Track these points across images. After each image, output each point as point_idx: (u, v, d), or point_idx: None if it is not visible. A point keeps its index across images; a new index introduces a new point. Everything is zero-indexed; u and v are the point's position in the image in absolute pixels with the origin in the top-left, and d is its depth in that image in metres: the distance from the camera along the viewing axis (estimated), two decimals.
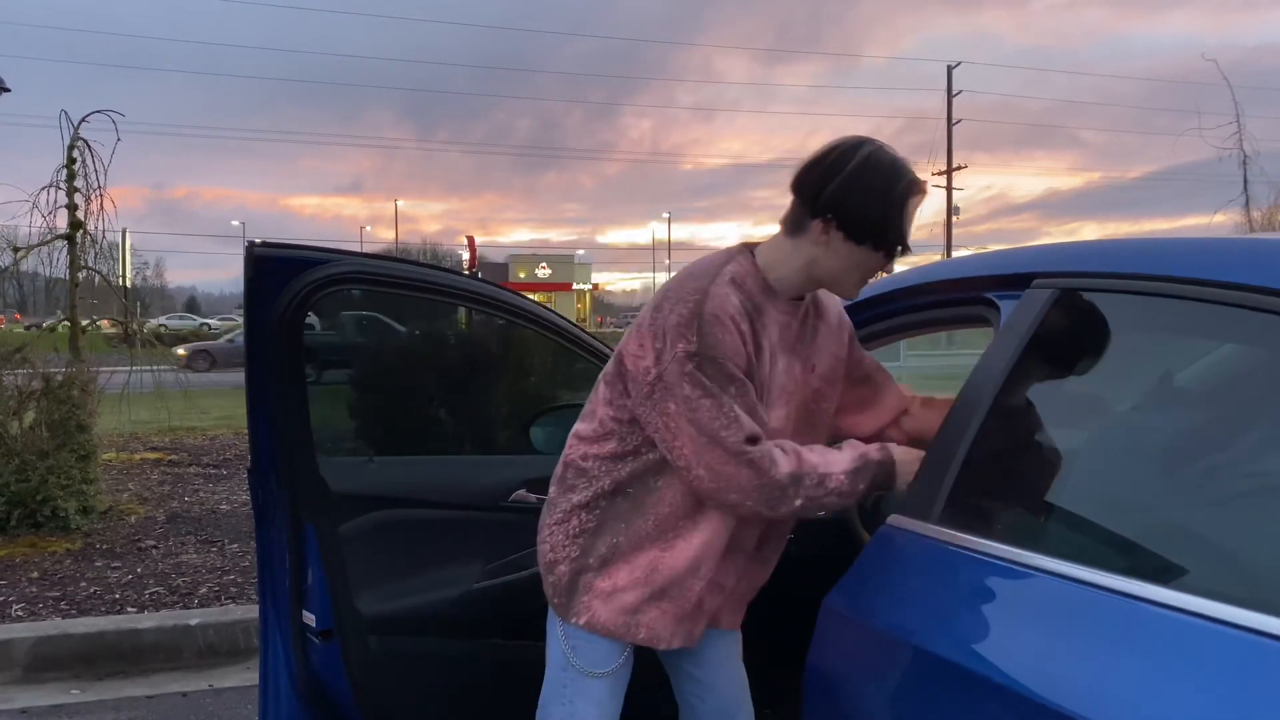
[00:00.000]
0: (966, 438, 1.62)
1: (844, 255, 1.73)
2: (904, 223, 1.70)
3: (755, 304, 1.75)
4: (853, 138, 1.73)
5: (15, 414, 5.91)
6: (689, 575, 1.78)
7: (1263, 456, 1.39)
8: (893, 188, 1.69)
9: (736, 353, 1.69)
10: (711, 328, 1.67)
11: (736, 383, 1.69)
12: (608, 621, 1.78)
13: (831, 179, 1.69)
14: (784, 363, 1.81)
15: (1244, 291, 1.33)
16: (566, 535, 1.84)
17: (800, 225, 1.75)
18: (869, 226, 1.69)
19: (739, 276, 1.75)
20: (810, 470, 1.70)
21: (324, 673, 2.30)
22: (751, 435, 1.67)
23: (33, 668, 4.09)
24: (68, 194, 6.62)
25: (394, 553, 2.42)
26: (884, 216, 1.69)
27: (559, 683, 1.85)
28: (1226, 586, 1.23)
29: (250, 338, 2.22)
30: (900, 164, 1.71)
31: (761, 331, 1.75)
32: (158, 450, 9.06)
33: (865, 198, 1.68)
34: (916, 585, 1.62)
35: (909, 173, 1.71)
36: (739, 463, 1.66)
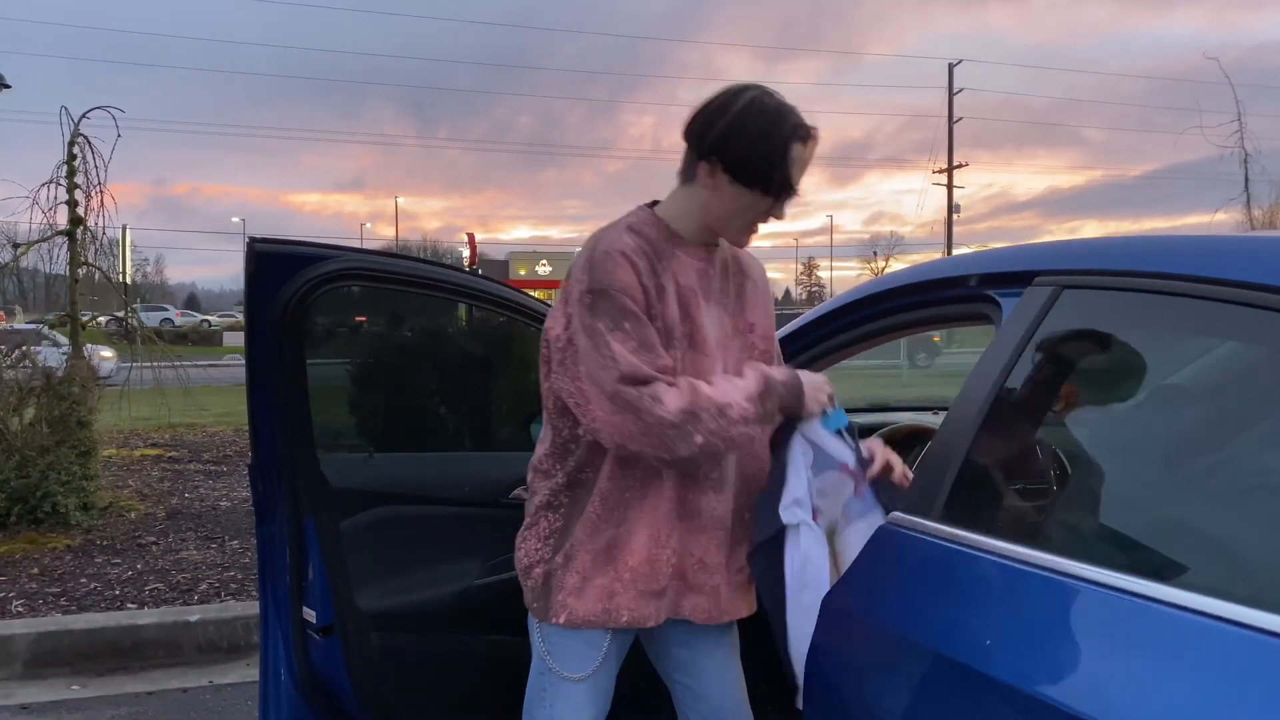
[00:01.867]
0: (968, 435, 1.62)
1: (731, 198, 1.74)
2: (788, 166, 1.71)
3: (656, 248, 1.76)
4: (740, 83, 1.76)
5: (15, 410, 5.91)
6: (652, 546, 1.76)
7: (1265, 454, 1.39)
8: (775, 131, 1.70)
9: (631, 285, 1.69)
10: (603, 263, 1.70)
11: (630, 317, 1.67)
12: (587, 614, 1.76)
13: (716, 122, 1.71)
14: (714, 314, 1.82)
15: (1247, 289, 1.33)
16: (538, 538, 1.83)
17: (691, 171, 1.78)
18: (752, 169, 1.70)
19: (636, 224, 1.79)
20: (707, 404, 1.65)
21: (324, 669, 2.30)
22: (630, 374, 1.63)
23: (33, 664, 4.09)
24: (68, 190, 6.62)
25: (394, 549, 2.42)
26: (767, 159, 1.70)
27: (539, 686, 1.85)
28: (1230, 584, 1.23)
29: (251, 334, 2.22)
30: (785, 109, 1.72)
31: (664, 272, 1.74)
32: (158, 446, 9.06)
33: (748, 141, 1.69)
34: (917, 583, 1.62)
35: (794, 117, 1.72)
36: (619, 406, 1.63)
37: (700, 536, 1.80)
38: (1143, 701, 1.18)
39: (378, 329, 3.05)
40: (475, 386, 3.15)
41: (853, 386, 4.79)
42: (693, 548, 1.80)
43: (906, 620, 1.57)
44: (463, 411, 3.16)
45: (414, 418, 3.02)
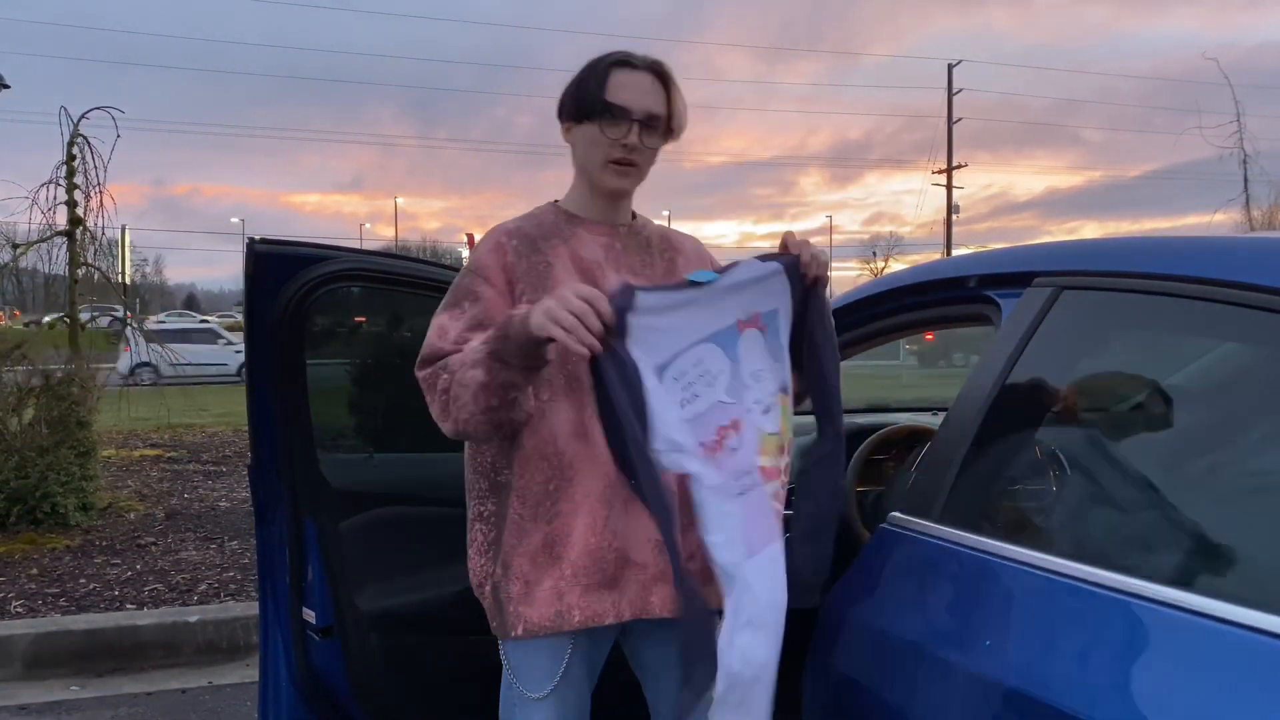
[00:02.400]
0: (967, 436, 1.61)
1: (582, 140, 1.78)
2: (605, 89, 1.74)
3: (548, 230, 1.79)
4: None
5: (15, 410, 5.91)
6: (589, 535, 1.68)
7: (1265, 455, 1.39)
8: (595, 67, 1.77)
9: (488, 267, 1.74)
10: (478, 247, 1.79)
11: (471, 297, 1.72)
12: (541, 620, 1.68)
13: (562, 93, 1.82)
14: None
15: (1246, 290, 1.33)
16: (478, 554, 1.81)
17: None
18: (580, 103, 1.77)
19: (533, 214, 1.85)
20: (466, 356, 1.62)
21: (324, 670, 2.30)
22: (424, 356, 1.70)
23: (32, 664, 4.09)
24: (67, 190, 6.61)
25: (394, 550, 2.41)
26: (586, 89, 1.76)
27: (508, 705, 1.81)
28: (1230, 585, 1.23)
29: (251, 334, 2.22)
30: (613, 51, 1.79)
31: (552, 248, 1.77)
32: (157, 447, 9.06)
33: (574, 84, 1.79)
34: (917, 584, 1.62)
35: (613, 54, 1.79)
36: (423, 390, 1.70)
37: (639, 517, 1.65)
38: (1143, 702, 1.18)
39: (377, 329, 3.05)
40: None
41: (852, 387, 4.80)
42: (640, 529, 1.68)
43: (905, 621, 1.57)
44: None
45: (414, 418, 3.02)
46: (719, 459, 1.56)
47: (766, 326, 1.65)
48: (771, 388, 1.64)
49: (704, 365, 1.57)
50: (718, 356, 1.59)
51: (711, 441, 1.56)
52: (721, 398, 1.58)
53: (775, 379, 1.65)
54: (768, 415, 1.62)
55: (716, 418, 1.58)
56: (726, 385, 1.59)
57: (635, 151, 1.75)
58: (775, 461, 1.62)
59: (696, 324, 1.58)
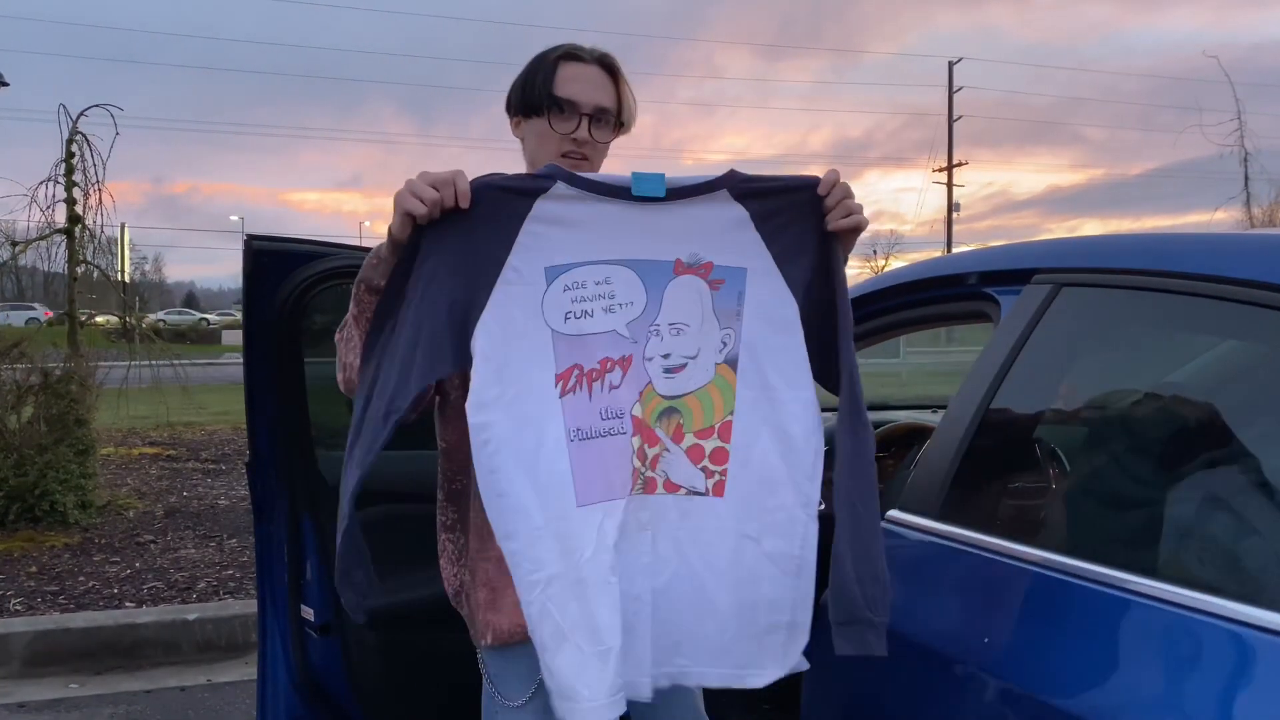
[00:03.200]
0: (967, 433, 1.61)
1: (531, 135, 1.76)
2: (553, 83, 1.72)
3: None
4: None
5: (13, 408, 5.91)
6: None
7: (1263, 452, 1.39)
8: (542, 60, 1.75)
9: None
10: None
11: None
12: (510, 627, 1.67)
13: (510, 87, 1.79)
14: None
15: (1246, 287, 1.33)
16: (449, 562, 1.79)
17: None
18: (526, 97, 1.74)
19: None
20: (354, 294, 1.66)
21: (322, 667, 2.30)
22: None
23: (31, 662, 4.09)
24: (66, 188, 6.61)
25: (393, 547, 2.41)
26: (533, 83, 1.73)
27: (490, 712, 1.80)
28: (1228, 582, 1.23)
29: (249, 332, 2.21)
30: (553, 46, 1.77)
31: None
32: (156, 445, 9.06)
33: (523, 79, 1.76)
34: (915, 580, 1.62)
35: (567, 46, 1.76)
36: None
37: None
38: (1141, 698, 1.17)
39: None
40: None
41: None
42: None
43: (905, 619, 1.57)
44: None
45: None
46: (592, 391, 1.33)
47: (723, 283, 1.35)
48: (692, 350, 1.36)
49: (610, 287, 1.32)
50: (633, 286, 1.33)
51: (591, 370, 1.33)
52: (618, 329, 1.33)
53: (710, 347, 1.36)
54: (671, 379, 1.36)
55: (606, 346, 1.33)
56: (629, 321, 1.34)
57: (585, 145, 1.73)
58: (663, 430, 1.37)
59: (618, 243, 1.32)
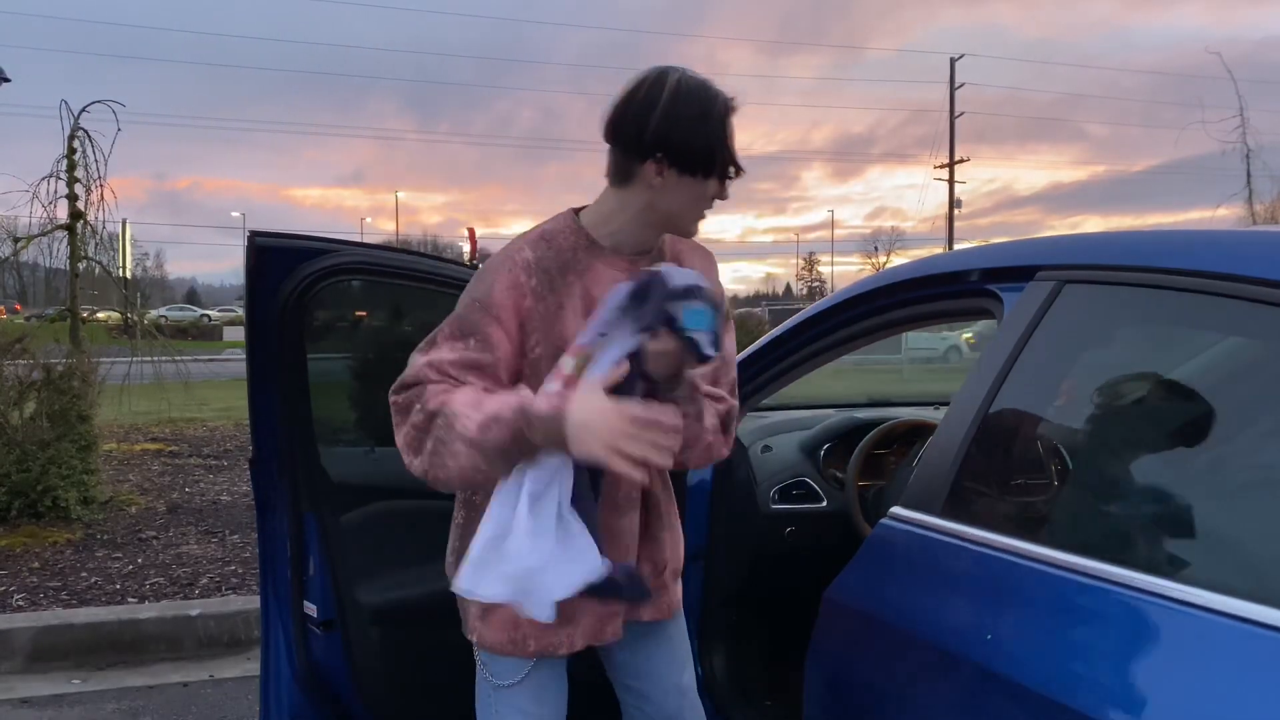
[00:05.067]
0: (970, 430, 1.61)
1: (680, 191, 1.64)
2: (729, 144, 1.63)
3: (564, 261, 1.66)
4: (655, 69, 1.65)
5: (16, 404, 5.91)
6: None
7: (1268, 449, 1.39)
8: (711, 110, 1.61)
9: (499, 304, 1.61)
10: (488, 273, 1.64)
11: (477, 335, 1.60)
12: (495, 642, 1.72)
13: (650, 116, 1.59)
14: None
15: (1249, 284, 1.33)
16: (451, 553, 1.79)
17: (629, 172, 1.64)
18: (699, 156, 1.61)
19: (550, 233, 1.69)
20: (449, 410, 1.52)
21: (325, 663, 2.30)
22: (405, 382, 1.59)
23: (34, 658, 4.10)
24: (68, 184, 6.63)
25: (395, 543, 2.41)
26: (709, 142, 1.61)
27: (484, 694, 1.81)
28: (1234, 580, 1.23)
29: (252, 328, 2.21)
30: (710, 85, 1.64)
31: (566, 288, 1.65)
32: (158, 441, 9.06)
33: (690, 127, 1.59)
34: (918, 577, 1.62)
35: (720, 92, 1.64)
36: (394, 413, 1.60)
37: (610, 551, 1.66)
38: (1143, 696, 1.18)
39: (379, 324, 3.04)
40: None
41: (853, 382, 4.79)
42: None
43: (908, 615, 1.57)
44: None
45: None
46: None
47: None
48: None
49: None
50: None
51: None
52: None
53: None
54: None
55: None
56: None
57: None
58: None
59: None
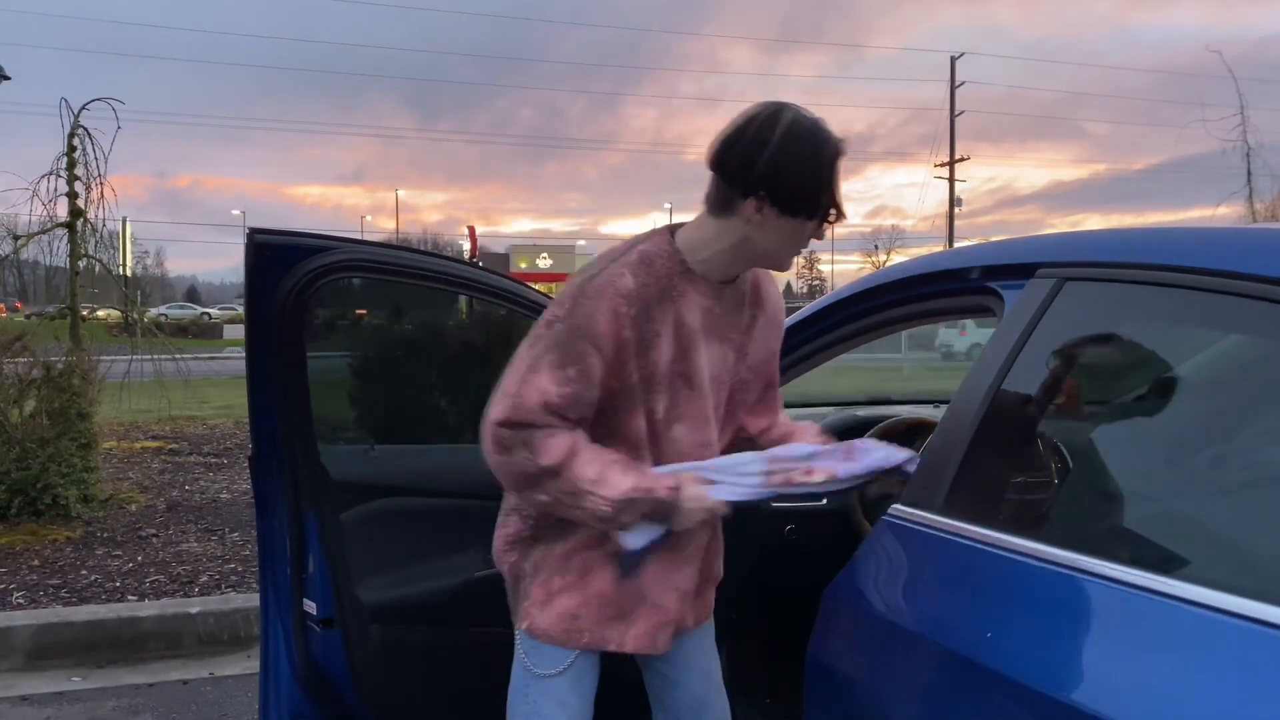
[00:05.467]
0: (970, 427, 1.61)
1: (778, 230, 1.65)
2: (836, 188, 1.63)
3: (661, 287, 1.67)
4: (769, 105, 1.64)
5: (16, 402, 5.91)
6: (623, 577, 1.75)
7: (1268, 447, 1.38)
8: (822, 155, 1.61)
9: (602, 336, 1.62)
10: (590, 301, 1.63)
11: (579, 365, 1.62)
12: (548, 628, 1.76)
13: (759, 154, 1.59)
14: (715, 350, 1.75)
15: (1250, 281, 1.33)
16: (504, 541, 1.83)
17: (729, 205, 1.65)
18: (804, 198, 1.62)
19: (649, 255, 1.69)
20: (573, 478, 1.63)
21: (325, 661, 2.30)
22: (517, 420, 1.61)
23: (34, 655, 4.10)
24: (68, 182, 6.61)
25: (395, 541, 2.41)
26: (816, 186, 1.61)
27: (521, 683, 1.83)
28: (1233, 578, 1.23)
29: (251, 326, 2.21)
30: (821, 126, 1.63)
31: (663, 316, 1.67)
32: (158, 439, 9.06)
33: (798, 169, 1.60)
34: (918, 575, 1.62)
35: (831, 135, 1.63)
36: (489, 435, 1.64)
37: (685, 567, 1.80)
38: (1145, 694, 1.17)
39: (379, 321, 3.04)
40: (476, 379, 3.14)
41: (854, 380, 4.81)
42: (668, 579, 1.79)
43: (907, 612, 1.57)
44: (463, 404, 3.15)
45: (415, 410, 3.02)
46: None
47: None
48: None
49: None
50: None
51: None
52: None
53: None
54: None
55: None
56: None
57: None
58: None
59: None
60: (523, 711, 1.82)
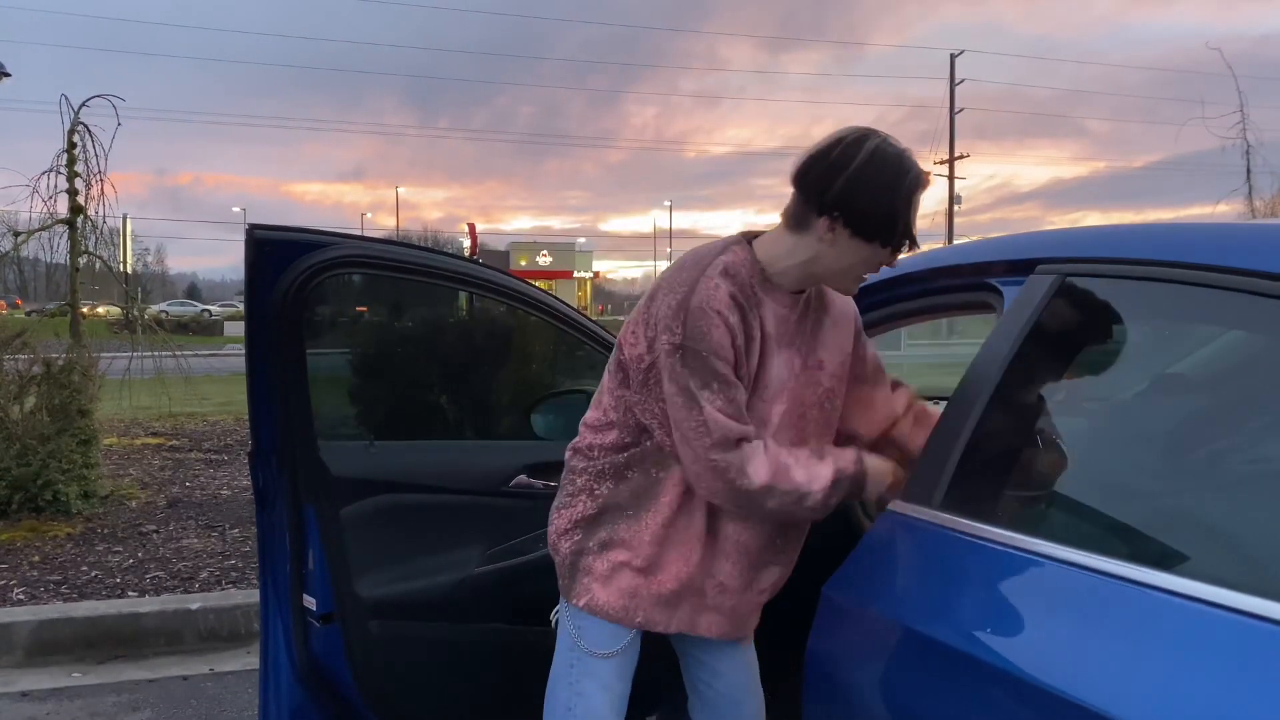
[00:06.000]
0: (969, 423, 1.61)
1: (849, 252, 1.68)
2: (912, 218, 1.66)
3: (749, 296, 1.71)
4: (857, 130, 1.67)
5: (16, 399, 5.91)
6: (683, 566, 1.79)
7: (1266, 443, 1.39)
8: (900, 183, 1.64)
9: (722, 347, 1.66)
10: (697, 320, 1.65)
11: (719, 379, 1.66)
12: (606, 604, 1.80)
13: (838, 175, 1.63)
14: (784, 357, 1.78)
15: (1249, 277, 1.33)
16: (569, 520, 1.85)
17: (804, 221, 1.70)
18: (877, 223, 1.65)
19: (732, 267, 1.72)
20: (789, 487, 1.70)
21: (324, 657, 2.31)
22: (720, 440, 1.66)
23: (34, 651, 4.10)
24: (68, 179, 6.61)
25: (395, 537, 2.42)
26: (892, 213, 1.64)
27: (566, 663, 1.86)
28: (1229, 573, 1.23)
29: (251, 322, 2.21)
30: (906, 157, 1.66)
31: (754, 324, 1.71)
32: (159, 435, 9.06)
33: (874, 195, 1.63)
34: (917, 571, 1.62)
35: (915, 165, 1.66)
36: (709, 470, 1.68)
37: (723, 561, 1.82)
38: (1141, 688, 1.18)
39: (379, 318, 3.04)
40: (476, 375, 3.15)
41: None
42: (714, 570, 1.82)
43: (906, 608, 1.57)
44: (463, 400, 3.16)
45: (414, 406, 3.02)
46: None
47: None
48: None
49: None
50: None
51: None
52: None
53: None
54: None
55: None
56: None
57: None
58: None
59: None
60: (564, 690, 1.86)
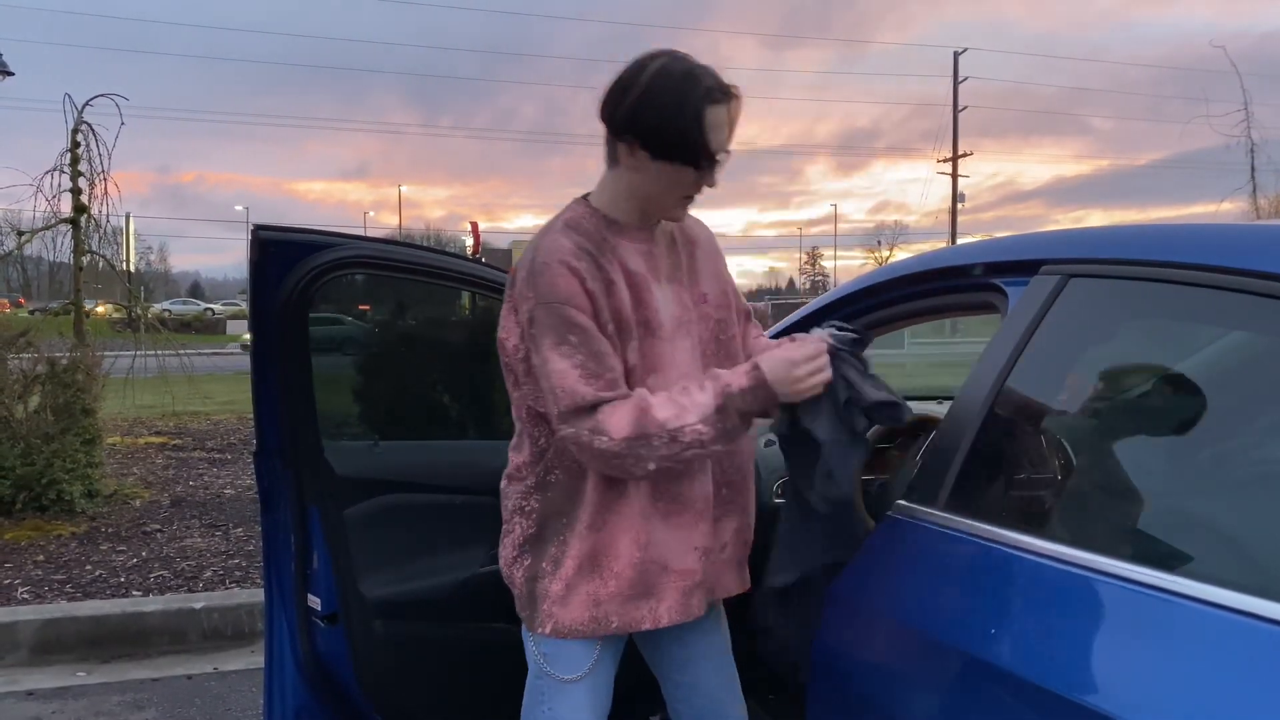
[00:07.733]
0: (973, 423, 1.61)
1: (656, 175, 1.66)
2: (706, 133, 1.62)
3: (597, 241, 1.69)
4: (648, 53, 1.67)
5: (20, 398, 5.92)
6: (634, 550, 1.71)
7: (1272, 444, 1.38)
8: (686, 99, 1.60)
9: (573, 294, 1.63)
10: (543, 275, 1.64)
11: (575, 329, 1.62)
12: (573, 623, 1.72)
13: (625, 99, 1.63)
14: (669, 292, 1.75)
15: (1253, 278, 1.32)
16: (514, 545, 1.79)
17: (613, 152, 1.70)
18: (670, 143, 1.62)
19: (573, 220, 1.72)
20: (657, 429, 1.59)
21: (329, 656, 2.31)
22: (569, 408, 1.60)
23: (39, 650, 4.11)
24: (72, 178, 6.62)
25: (399, 537, 2.42)
26: (682, 129, 1.61)
27: (537, 690, 1.81)
28: (1235, 574, 1.23)
29: (255, 322, 2.21)
30: (695, 73, 1.62)
31: (611, 267, 1.68)
32: (162, 435, 9.08)
33: (660, 113, 1.61)
34: (921, 571, 1.62)
35: (706, 80, 1.62)
36: (567, 440, 1.63)
37: (682, 528, 1.74)
38: (1146, 690, 1.17)
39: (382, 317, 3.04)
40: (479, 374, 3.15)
41: None
42: (682, 539, 1.74)
43: (910, 609, 1.57)
44: (467, 399, 3.16)
45: (419, 406, 3.02)
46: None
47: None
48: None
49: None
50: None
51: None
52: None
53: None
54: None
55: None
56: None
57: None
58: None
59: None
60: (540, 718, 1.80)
